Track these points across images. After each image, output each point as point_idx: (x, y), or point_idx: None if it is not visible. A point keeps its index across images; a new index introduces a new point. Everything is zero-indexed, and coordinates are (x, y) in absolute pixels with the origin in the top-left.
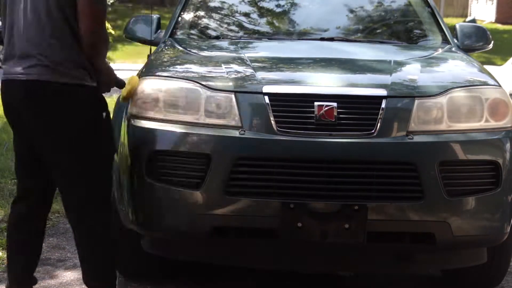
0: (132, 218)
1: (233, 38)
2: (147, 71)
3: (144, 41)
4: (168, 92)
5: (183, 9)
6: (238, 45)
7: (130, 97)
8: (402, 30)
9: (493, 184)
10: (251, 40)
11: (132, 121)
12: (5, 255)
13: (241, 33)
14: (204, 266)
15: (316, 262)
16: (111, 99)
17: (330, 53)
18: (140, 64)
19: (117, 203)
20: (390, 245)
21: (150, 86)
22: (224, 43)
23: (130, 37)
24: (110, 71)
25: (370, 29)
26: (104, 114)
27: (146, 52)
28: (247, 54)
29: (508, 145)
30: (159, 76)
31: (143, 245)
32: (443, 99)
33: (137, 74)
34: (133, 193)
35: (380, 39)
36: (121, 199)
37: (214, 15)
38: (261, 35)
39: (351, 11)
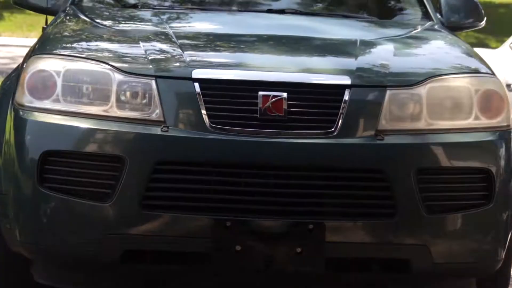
0: (20, 239)
1: (156, 7)
2: (41, 48)
3: (38, 9)
4: (68, 75)
5: None
6: (162, 17)
7: None
8: (372, 1)
9: (484, 198)
10: (179, 11)
11: (21, 113)
12: None
13: (166, 2)
14: None
15: None
16: None
17: (279, 29)
18: (33, 39)
19: None
20: (354, 274)
21: (45, 67)
22: (143, 14)
23: (20, 3)
24: None
25: None
26: None
27: (41, 23)
28: (173, 28)
29: (503, 150)
30: (57, 54)
31: (34, 273)
32: (421, 90)
33: (28, 52)
34: (21, 206)
35: (344, 13)
36: (5, 214)
37: None
38: (192, 5)
39: None
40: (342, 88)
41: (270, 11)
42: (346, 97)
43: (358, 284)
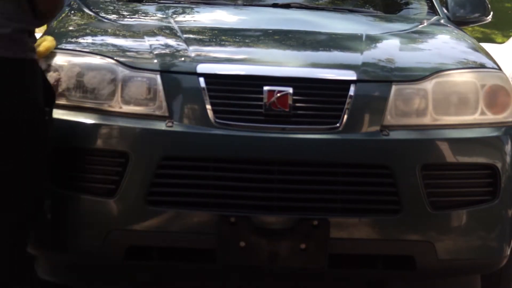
0: None
1: (161, 1)
2: None
3: None
4: (73, 70)
5: None
6: (167, 11)
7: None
8: None
9: (490, 194)
10: (184, 5)
11: None
12: None
13: None
14: None
15: None
16: None
17: (285, 23)
18: (38, 34)
19: None
20: (358, 271)
21: (50, 62)
22: (148, 8)
23: None
24: None
25: None
26: None
27: None
28: (178, 23)
29: (508, 145)
30: (61, 49)
31: (39, 270)
32: (427, 85)
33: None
34: None
35: (349, 7)
36: None
37: None
38: None
39: None
40: (347, 83)
41: (275, 5)
42: (352, 92)
43: (359, 282)
